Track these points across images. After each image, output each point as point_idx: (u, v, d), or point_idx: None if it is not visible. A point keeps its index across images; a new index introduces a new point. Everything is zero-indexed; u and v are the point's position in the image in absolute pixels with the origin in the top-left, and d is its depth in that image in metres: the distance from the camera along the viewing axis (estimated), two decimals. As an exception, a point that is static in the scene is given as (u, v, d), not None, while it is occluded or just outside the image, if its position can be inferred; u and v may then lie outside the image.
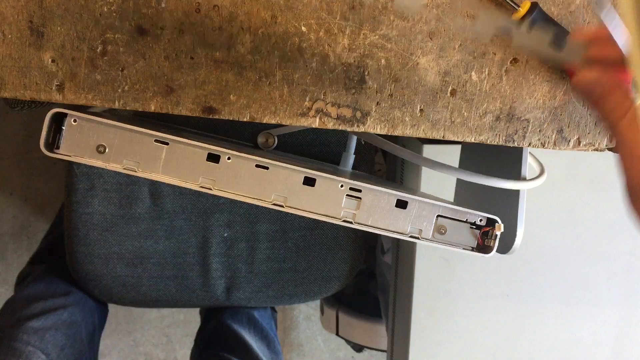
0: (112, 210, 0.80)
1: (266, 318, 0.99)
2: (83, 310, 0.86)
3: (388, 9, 0.43)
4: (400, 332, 0.91)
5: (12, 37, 0.42)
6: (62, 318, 0.81)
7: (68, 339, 0.80)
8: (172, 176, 0.44)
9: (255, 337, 0.93)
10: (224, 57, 0.43)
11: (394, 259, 0.95)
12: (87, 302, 0.88)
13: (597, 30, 0.38)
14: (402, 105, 0.45)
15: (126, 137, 0.43)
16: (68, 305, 0.83)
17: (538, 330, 0.88)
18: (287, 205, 0.45)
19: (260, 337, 0.93)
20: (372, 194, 0.46)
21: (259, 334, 0.94)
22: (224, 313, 0.95)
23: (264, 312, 1.00)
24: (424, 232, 0.47)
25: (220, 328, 0.93)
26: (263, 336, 0.94)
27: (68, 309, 0.83)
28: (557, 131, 0.47)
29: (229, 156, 0.44)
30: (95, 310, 0.89)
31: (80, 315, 0.84)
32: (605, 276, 0.86)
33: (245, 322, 0.94)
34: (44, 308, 0.81)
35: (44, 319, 0.79)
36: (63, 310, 0.82)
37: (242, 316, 0.95)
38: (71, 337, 0.81)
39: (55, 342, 0.78)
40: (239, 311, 0.96)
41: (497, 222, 0.46)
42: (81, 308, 0.85)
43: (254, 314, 0.96)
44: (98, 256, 0.82)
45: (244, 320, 0.94)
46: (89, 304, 0.88)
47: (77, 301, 0.85)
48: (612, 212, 0.83)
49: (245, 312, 0.96)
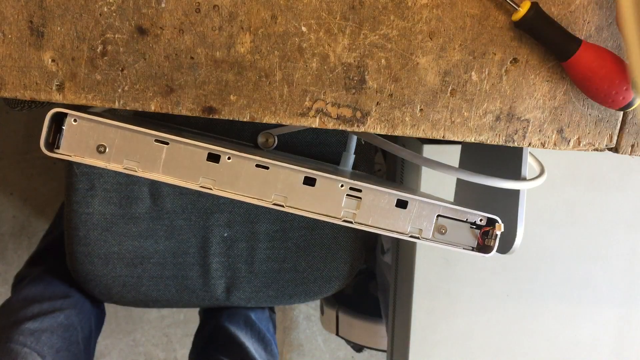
0: (112, 210, 0.80)
1: (264, 320, 0.99)
2: (80, 313, 0.86)
3: (388, 9, 0.43)
4: (400, 332, 0.91)
5: (12, 37, 0.42)
6: (59, 320, 0.81)
7: (64, 341, 0.80)
8: (173, 176, 0.44)
9: (252, 340, 0.93)
10: (224, 57, 0.43)
11: (394, 259, 0.95)
12: (85, 305, 0.88)
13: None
14: (402, 105, 0.45)
15: (126, 137, 0.43)
16: (65, 307, 0.83)
17: (538, 330, 0.88)
18: (288, 205, 0.45)
19: (257, 339, 0.93)
20: (373, 194, 0.46)
21: (256, 336, 0.94)
22: (222, 315, 0.95)
23: (262, 314, 1.00)
24: (424, 232, 0.47)
25: (218, 330, 0.93)
26: (260, 338, 0.94)
27: (65, 311, 0.83)
28: (557, 131, 0.47)
29: (229, 156, 0.44)
30: (92, 313, 0.89)
31: (77, 318, 0.84)
32: (605, 276, 0.86)
33: (242, 325, 0.94)
34: (41, 310, 0.81)
35: (41, 320, 0.79)
36: (60, 312, 0.82)
37: (239, 318, 0.95)
38: (67, 340, 0.81)
39: (51, 344, 0.78)
40: (237, 313, 0.96)
41: (497, 221, 0.46)
42: (78, 311, 0.85)
43: (252, 316, 0.96)
44: (98, 256, 0.82)
45: (241, 323, 0.94)
46: (86, 307, 0.88)
47: (75, 304, 0.85)
48: (612, 212, 0.83)
49: (242, 314, 0.96)
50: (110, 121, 0.43)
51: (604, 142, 0.48)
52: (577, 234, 0.84)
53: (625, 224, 0.84)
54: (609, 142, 0.48)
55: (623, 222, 0.84)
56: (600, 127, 0.47)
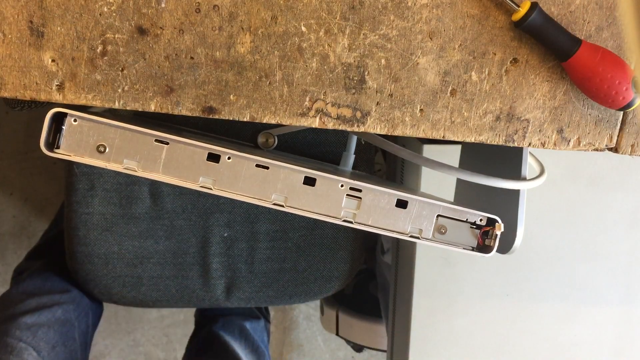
0: (112, 210, 0.80)
1: (259, 331, 0.99)
2: (78, 309, 0.86)
3: (388, 9, 0.43)
4: (400, 332, 0.91)
5: (12, 37, 0.42)
6: (57, 315, 0.81)
7: (61, 336, 0.80)
8: (173, 176, 0.44)
9: (246, 351, 0.93)
10: (224, 57, 0.43)
11: (394, 259, 0.95)
12: (83, 301, 0.88)
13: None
14: (402, 105, 0.45)
15: (126, 137, 0.43)
16: (63, 302, 0.83)
17: (538, 330, 0.88)
18: (288, 205, 0.45)
19: (250, 351, 0.93)
20: (373, 194, 0.46)
21: (250, 347, 0.94)
22: (217, 322, 0.95)
23: (257, 324, 0.99)
24: (424, 232, 0.47)
25: (211, 338, 0.93)
26: (253, 349, 0.94)
27: (63, 306, 0.83)
28: (557, 131, 0.47)
29: (229, 156, 0.44)
30: (90, 309, 0.89)
31: (75, 313, 0.84)
32: (605, 276, 0.86)
33: (237, 334, 0.94)
34: (39, 304, 0.81)
35: (38, 315, 0.79)
36: (58, 307, 0.82)
37: (234, 327, 0.95)
38: (64, 335, 0.81)
39: (47, 339, 0.78)
40: (232, 322, 0.96)
41: (497, 221, 0.46)
42: (76, 306, 0.85)
43: (247, 326, 0.96)
44: (98, 256, 0.82)
45: (236, 332, 0.94)
46: (84, 303, 0.88)
47: (73, 299, 0.85)
48: (612, 212, 0.83)
49: (237, 324, 0.96)
50: (110, 121, 0.43)
51: (604, 142, 0.48)
52: (577, 233, 0.84)
53: (625, 224, 0.84)
54: (609, 142, 0.48)
55: (623, 222, 0.84)
56: (600, 127, 0.47)
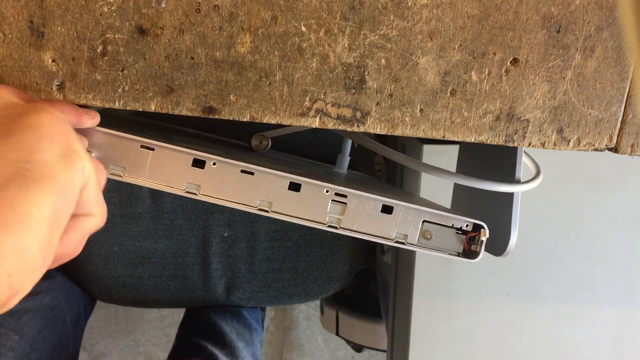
0: (112, 210, 0.81)
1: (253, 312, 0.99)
2: (68, 296, 0.86)
3: (388, 9, 0.43)
4: (400, 332, 0.91)
5: (12, 37, 0.42)
6: (44, 302, 0.82)
7: (47, 321, 0.80)
8: (158, 181, 0.44)
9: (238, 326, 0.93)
10: (224, 57, 0.43)
11: (394, 259, 0.95)
12: (73, 289, 0.88)
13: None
14: (402, 105, 0.45)
15: (112, 143, 0.44)
16: (51, 289, 0.84)
17: (538, 330, 0.88)
18: (272, 210, 0.45)
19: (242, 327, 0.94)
20: (358, 199, 0.45)
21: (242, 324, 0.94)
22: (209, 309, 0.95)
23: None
24: (410, 238, 0.47)
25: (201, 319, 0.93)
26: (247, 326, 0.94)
27: (50, 293, 0.83)
28: (557, 131, 0.47)
29: (214, 162, 0.44)
30: (81, 297, 0.90)
31: (65, 300, 0.85)
32: (605, 276, 0.86)
33: (228, 316, 0.94)
34: None
35: (23, 302, 0.80)
36: (45, 294, 0.83)
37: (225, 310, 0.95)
38: (51, 320, 0.81)
39: (32, 324, 0.78)
40: (224, 308, 0.96)
41: (483, 227, 0.46)
42: (66, 293, 0.86)
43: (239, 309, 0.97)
44: (98, 256, 0.82)
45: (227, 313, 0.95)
46: (74, 290, 0.88)
47: (62, 286, 0.86)
48: (612, 212, 0.83)
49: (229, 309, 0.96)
50: (96, 127, 0.43)
51: (604, 142, 0.48)
52: (577, 233, 0.84)
53: (625, 224, 0.84)
54: (609, 142, 0.48)
55: (623, 222, 0.84)
56: (600, 127, 0.47)
